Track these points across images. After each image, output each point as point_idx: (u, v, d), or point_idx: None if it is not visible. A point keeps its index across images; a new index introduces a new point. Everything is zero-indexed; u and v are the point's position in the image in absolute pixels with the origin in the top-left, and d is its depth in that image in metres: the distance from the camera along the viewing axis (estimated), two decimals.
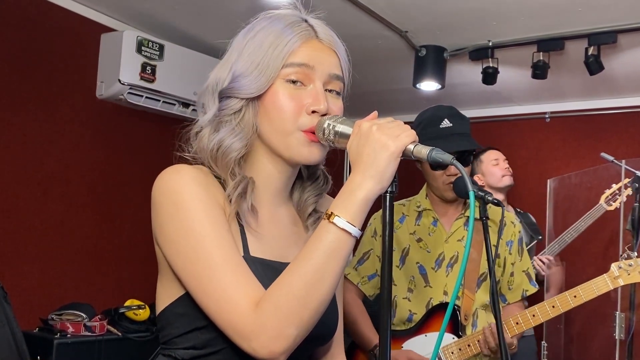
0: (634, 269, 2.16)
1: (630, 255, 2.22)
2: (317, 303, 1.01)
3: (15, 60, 3.26)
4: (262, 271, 1.10)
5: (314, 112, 1.12)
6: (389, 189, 1.03)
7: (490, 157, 3.77)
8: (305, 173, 1.28)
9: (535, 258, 3.58)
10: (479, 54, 3.79)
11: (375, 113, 1.09)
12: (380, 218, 2.33)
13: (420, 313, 2.24)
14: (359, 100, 1.94)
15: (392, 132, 1.01)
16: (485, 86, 3.91)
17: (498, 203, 1.94)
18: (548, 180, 4.13)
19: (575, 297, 2.18)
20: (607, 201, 3.60)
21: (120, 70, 3.34)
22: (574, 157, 4.72)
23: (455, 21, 3.46)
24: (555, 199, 4.09)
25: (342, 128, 1.09)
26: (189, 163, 1.17)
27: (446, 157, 0.99)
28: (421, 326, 2.23)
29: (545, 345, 3.52)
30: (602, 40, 3.41)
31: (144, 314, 3.26)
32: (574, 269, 3.83)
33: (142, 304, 3.28)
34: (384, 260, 1.03)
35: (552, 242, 3.72)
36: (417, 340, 2.22)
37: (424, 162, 1.02)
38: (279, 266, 1.10)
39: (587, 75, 3.56)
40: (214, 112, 1.16)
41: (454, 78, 4.14)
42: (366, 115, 1.07)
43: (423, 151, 1.00)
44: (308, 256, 1.01)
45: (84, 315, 3.05)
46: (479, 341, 2.18)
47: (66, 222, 3.52)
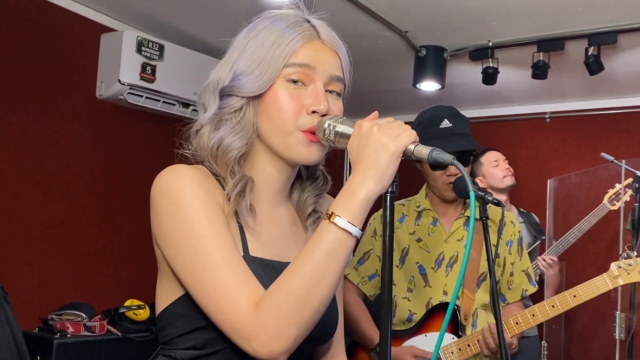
0: (633, 269, 2.16)
1: (630, 254, 2.22)
2: (317, 303, 1.01)
3: (15, 60, 3.26)
4: (262, 271, 1.10)
5: (314, 112, 1.12)
6: (390, 189, 1.04)
7: (490, 158, 3.74)
8: (305, 173, 1.28)
9: (539, 258, 3.57)
10: (479, 54, 3.79)
11: (375, 113, 1.09)
12: (380, 218, 2.34)
13: (420, 313, 2.24)
14: (359, 101, 1.94)
15: (392, 132, 1.01)
16: (485, 86, 3.91)
17: (498, 203, 1.94)
18: (548, 180, 4.13)
19: (575, 296, 2.18)
20: (611, 201, 3.59)
21: (120, 70, 3.35)
22: (574, 157, 4.71)
23: (455, 21, 3.46)
24: (555, 199, 4.08)
25: (342, 128, 1.09)
26: (189, 161, 1.17)
27: (447, 157, 0.99)
28: (421, 326, 2.23)
29: (545, 345, 3.52)
30: (602, 41, 3.40)
31: (144, 314, 3.25)
32: (574, 269, 3.82)
33: (142, 304, 3.27)
34: (384, 260, 1.03)
35: (552, 242, 3.72)
36: (417, 340, 2.22)
37: (424, 162, 1.02)
38: (279, 266, 1.10)
39: (587, 75, 3.55)
40: (215, 111, 1.16)
41: (454, 78, 4.14)
42: (366, 115, 1.07)
43: (423, 151, 1.00)
44: (308, 256, 1.01)
45: (84, 315, 3.05)
46: (478, 341, 2.18)
47: (66, 222, 3.52)
